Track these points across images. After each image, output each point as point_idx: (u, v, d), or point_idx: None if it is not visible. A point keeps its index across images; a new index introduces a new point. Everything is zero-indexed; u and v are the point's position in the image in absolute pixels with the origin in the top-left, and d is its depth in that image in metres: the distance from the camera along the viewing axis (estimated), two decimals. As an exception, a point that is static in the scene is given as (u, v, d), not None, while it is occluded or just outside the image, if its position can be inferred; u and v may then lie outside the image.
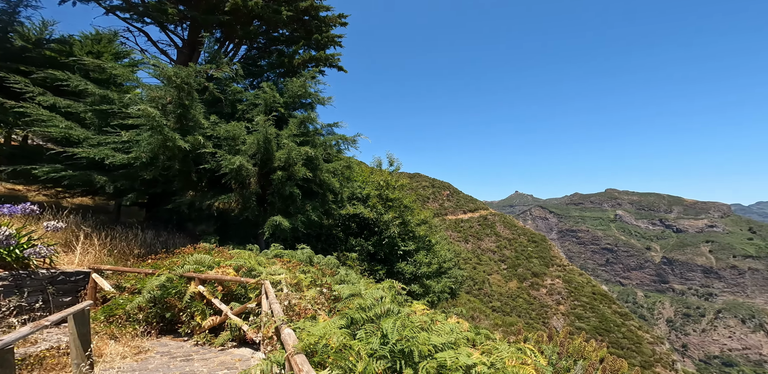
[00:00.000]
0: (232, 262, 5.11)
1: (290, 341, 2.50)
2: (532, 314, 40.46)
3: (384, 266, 13.11)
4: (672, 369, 34.27)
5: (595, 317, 39.62)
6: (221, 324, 4.74)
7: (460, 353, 2.73)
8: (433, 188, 70.27)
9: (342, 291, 3.79)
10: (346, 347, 2.51)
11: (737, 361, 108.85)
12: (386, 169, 16.64)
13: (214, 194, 8.28)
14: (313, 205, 9.00)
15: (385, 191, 13.96)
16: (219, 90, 9.66)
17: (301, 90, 9.98)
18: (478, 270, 47.53)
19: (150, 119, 6.90)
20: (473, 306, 27.68)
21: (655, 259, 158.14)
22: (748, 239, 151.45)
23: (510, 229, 61.90)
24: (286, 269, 5.08)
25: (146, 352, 4.24)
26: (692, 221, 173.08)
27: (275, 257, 6.41)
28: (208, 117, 8.71)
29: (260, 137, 8.15)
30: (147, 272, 5.26)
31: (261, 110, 9.34)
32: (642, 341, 36.60)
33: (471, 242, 57.23)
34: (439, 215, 61.99)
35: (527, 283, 46.81)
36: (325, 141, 10.15)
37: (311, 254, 6.57)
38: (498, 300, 41.78)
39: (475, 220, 63.08)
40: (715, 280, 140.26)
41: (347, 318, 3.05)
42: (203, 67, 9.50)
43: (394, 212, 13.46)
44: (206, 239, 7.52)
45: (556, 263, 51.21)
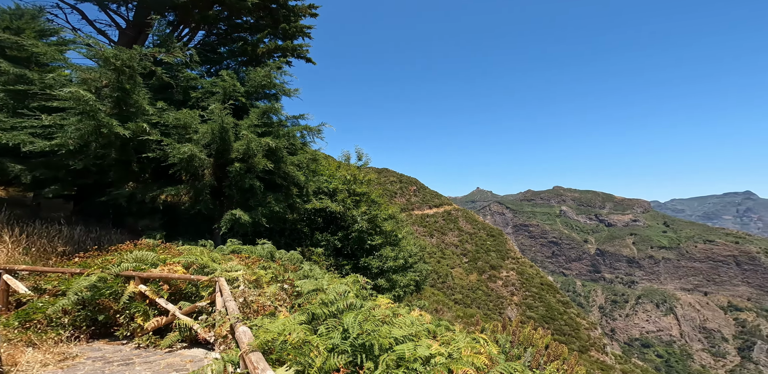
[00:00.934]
0: (181, 259, 4.67)
1: (245, 339, 2.36)
2: (490, 305, 43.14)
3: (350, 261, 13.06)
4: (603, 353, 38.75)
5: (543, 306, 43.35)
6: (168, 324, 4.35)
7: (420, 345, 2.78)
8: (401, 184, 71.29)
9: (303, 286, 3.66)
10: (306, 343, 2.42)
11: (653, 342, 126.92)
12: (354, 163, 16.49)
13: (161, 186, 7.54)
14: (277, 198, 8.60)
15: (352, 186, 13.83)
16: (169, 76, 8.98)
17: (265, 80, 9.54)
18: (442, 264, 49.46)
19: (81, 103, 6.17)
20: (437, 299, 28.84)
21: (590, 251, 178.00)
22: (662, 232, 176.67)
23: (471, 224, 65.28)
24: (245, 266, 4.78)
25: (74, 358, 3.77)
26: (620, 216, 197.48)
27: (232, 253, 6.00)
28: (154, 103, 8.00)
29: (216, 126, 7.58)
30: (73, 272, 4.61)
31: (218, 99, 8.81)
32: (580, 327, 40.88)
33: (436, 236, 59.34)
34: (405, 210, 63.24)
35: (486, 276, 49.71)
36: (288, 132, 9.72)
37: (273, 250, 6.26)
38: (460, 292, 43.86)
39: (439, 215, 65.41)
40: (637, 269, 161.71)
41: (308, 314, 2.95)
42: (151, 50, 8.76)
43: (362, 206, 13.41)
44: (150, 235, 6.81)
45: (510, 256, 55.12)
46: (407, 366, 2.47)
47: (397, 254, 14.21)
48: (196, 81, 9.40)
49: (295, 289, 4.10)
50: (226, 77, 8.93)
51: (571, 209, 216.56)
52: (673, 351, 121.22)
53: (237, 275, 4.14)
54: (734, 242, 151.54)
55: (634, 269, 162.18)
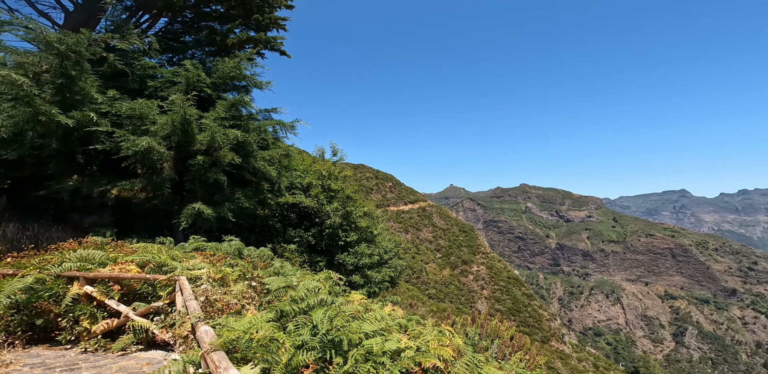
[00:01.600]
0: (135, 257, 4.30)
1: (207, 338, 2.26)
2: (462, 299, 44.71)
3: (325, 258, 12.92)
4: (562, 342, 41.70)
5: (510, 299, 45.71)
6: (121, 327, 4.03)
7: (390, 339, 2.82)
8: (377, 180, 71.35)
9: (273, 283, 3.54)
10: (274, 340, 2.36)
11: (604, 331, 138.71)
12: (329, 159, 16.24)
13: (112, 180, 6.92)
14: (246, 193, 8.24)
15: (327, 181, 13.61)
16: (123, 63, 8.34)
17: (234, 71, 9.16)
18: (417, 260, 50.43)
19: (14, 88, 5.61)
20: (412, 294, 29.39)
21: (551, 245, 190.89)
22: (612, 227, 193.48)
23: (445, 220, 67.15)
24: (209, 264, 4.52)
25: (7, 366, 3.39)
26: (577, 212, 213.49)
27: (195, 250, 5.64)
28: (104, 92, 7.40)
29: (177, 117, 7.11)
30: (5, 274, 4.09)
31: (180, 89, 8.33)
32: (542, 318, 43.67)
33: (411, 232, 60.32)
34: (381, 206, 63.51)
35: (458, 270, 51.38)
36: (260, 126, 9.38)
37: (241, 246, 5.97)
38: (434, 287, 44.97)
39: (414, 211, 66.48)
40: (590, 262, 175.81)
41: (277, 311, 2.87)
42: (103, 36, 8.13)
43: (337, 202, 13.25)
44: (98, 232, 6.20)
45: (481, 251, 57.49)
46: (375, 360, 2.50)
47: (372, 251, 14.26)
48: (155, 70, 8.83)
49: (264, 287, 3.96)
50: (189, 67, 8.45)
51: (536, 206, 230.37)
52: (620, 338, 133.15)
53: (200, 274, 3.91)
54: (671, 236, 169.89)
55: (588, 262, 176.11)
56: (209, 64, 9.92)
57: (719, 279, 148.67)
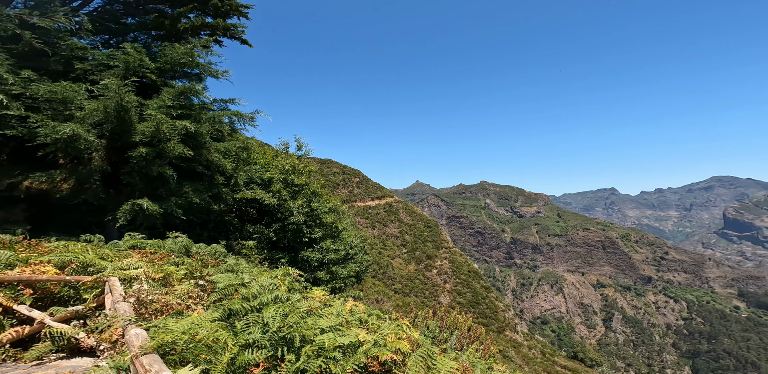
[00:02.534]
0: (53, 257, 3.73)
1: (137, 341, 2.07)
2: (426, 293, 46.11)
3: (287, 255, 12.54)
4: (515, 332, 45.03)
5: (470, 292, 48.23)
6: (35, 334, 3.48)
7: (347, 334, 2.80)
8: (344, 175, 70.60)
9: (221, 281, 3.31)
10: (217, 340, 2.21)
11: (549, 319, 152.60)
12: (294, 153, 15.68)
13: (24, 171, 5.95)
14: (196, 187, 7.62)
15: (290, 176, 13.12)
16: (43, 42, 7.35)
17: (185, 58, 8.50)
18: (383, 255, 50.96)
19: None
20: (378, 289, 29.69)
21: (506, 239, 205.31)
22: (556, 221, 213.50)
23: (411, 216, 68.68)
24: (148, 262, 4.08)
25: None
26: (528, 208, 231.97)
27: (132, 248, 5.06)
28: (17, 72, 6.47)
29: (111, 103, 6.38)
30: None
31: (117, 73, 7.60)
32: (498, 310, 46.73)
33: (377, 228, 60.76)
34: (348, 202, 63.05)
35: (422, 265, 52.92)
36: (214, 117, 8.78)
37: (189, 244, 5.48)
38: (399, 282, 45.80)
39: (381, 207, 67.03)
40: (539, 255, 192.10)
41: (224, 310, 2.68)
42: (18, 11, 7.23)
43: (302, 198, 12.86)
44: (6, 229, 5.27)
45: (444, 246, 59.86)
46: (326, 356, 2.46)
47: (338, 247, 14.13)
48: (86, 51, 7.94)
49: (215, 285, 3.68)
50: (129, 50, 7.69)
51: (493, 202, 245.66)
52: (562, 326, 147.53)
53: (136, 274, 3.51)
54: (602, 230, 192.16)
55: (537, 255, 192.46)
56: (155, 49, 9.16)
57: (638, 268, 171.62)
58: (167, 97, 7.66)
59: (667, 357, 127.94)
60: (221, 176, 8.62)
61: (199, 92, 8.63)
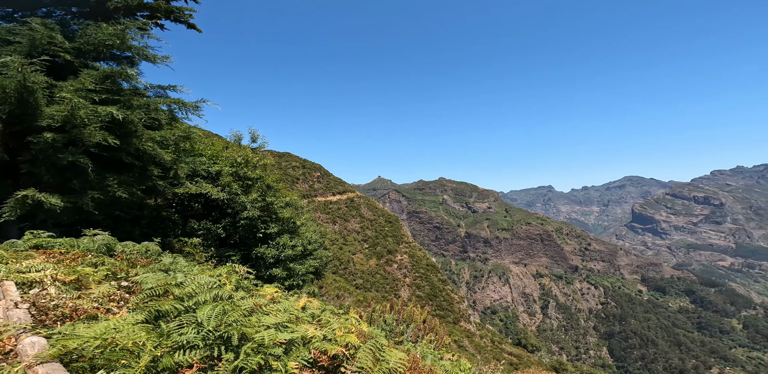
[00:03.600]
0: None
1: (32, 350, 1.85)
2: (387, 287, 46.88)
3: (239, 252, 11.85)
4: (468, 322, 48.03)
5: (428, 285, 50.16)
6: None
7: (295, 330, 2.74)
8: (304, 169, 68.33)
9: (147, 281, 2.98)
10: (137, 344, 1.99)
11: (497, 309, 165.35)
12: (248, 145, 14.76)
13: None
14: (124, 180, 6.76)
15: (243, 169, 12.30)
16: None
17: (113, 39, 7.64)
18: (344, 251, 50.57)
19: None
20: (339, 285, 29.47)
21: (461, 234, 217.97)
22: (504, 217, 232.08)
23: (372, 211, 69.09)
24: (56, 264, 3.49)
25: None
26: (481, 204, 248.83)
27: (35, 248, 4.28)
28: None
29: (10, 83, 5.55)
30: None
31: (20, 50, 6.72)
32: (453, 302, 49.35)
33: (338, 223, 60.01)
34: (308, 197, 61.20)
35: (383, 260, 53.67)
36: (148, 104, 7.95)
37: (111, 242, 4.80)
38: (361, 277, 45.88)
39: (343, 202, 66.30)
40: (489, 248, 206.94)
41: (150, 312, 2.42)
42: None
43: (255, 192, 12.16)
44: None
45: (404, 241, 61.42)
46: (265, 353, 2.37)
47: (295, 242, 13.73)
48: None
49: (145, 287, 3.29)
50: (36, 25, 6.73)
51: (450, 198, 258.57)
52: (509, 314, 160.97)
53: (39, 277, 2.98)
54: (541, 224, 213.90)
55: (487, 248, 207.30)
56: (74, 27, 8.19)
57: (568, 259, 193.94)
58: (88, 80, 6.76)
59: (589, 339, 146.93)
60: (157, 167, 7.75)
61: (130, 77, 7.84)
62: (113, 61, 8.32)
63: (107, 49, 7.72)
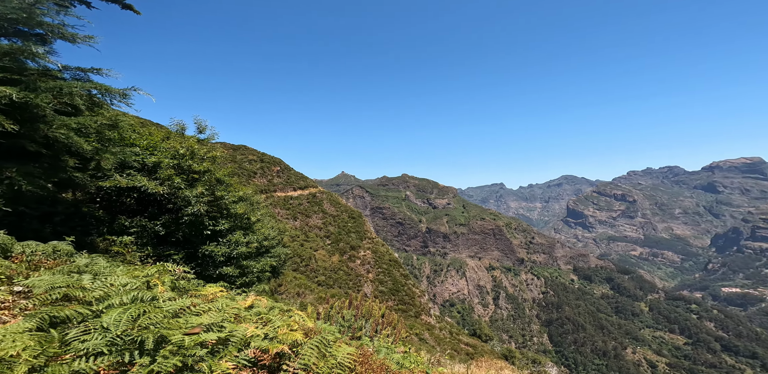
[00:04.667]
0: None
1: None
2: (350, 284, 46.54)
3: (182, 250, 10.85)
4: (429, 315, 49.69)
5: (391, 280, 50.91)
6: None
7: (233, 330, 2.57)
8: (262, 163, 64.64)
9: (39, 285, 2.57)
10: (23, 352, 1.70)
11: (455, 301, 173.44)
12: (194, 136, 13.52)
13: None
14: (29, 171, 5.74)
15: (187, 162, 11.23)
16: None
17: (18, 13, 6.55)
18: (306, 247, 49.16)
19: None
20: (299, 282, 28.62)
21: (422, 229, 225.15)
22: (462, 212, 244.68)
23: (335, 206, 68.01)
24: None
25: None
26: (441, 200, 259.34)
27: None
28: None
29: None
30: None
31: None
32: (415, 296, 50.68)
33: (299, 219, 58.06)
34: (267, 192, 58.15)
35: (346, 256, 53.18)
36: (61, 87, 6.88)
37: (8, 241, 4.02)
38: (323, 274, 44.95)
39: (304, 197, 64.21)
40: (448, 243, 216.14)
41: (43, 318, 2.09)
42: None
43: (202, 186, 11.19)
44: None
45: (367, 236, 61.56)
46: (184, 354, 2.20)
47: (250, 239, 13.01)
48: None
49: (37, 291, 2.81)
50: None
51: (413, 194, 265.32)
52: (465, 306, 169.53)
53: None
54: (493, 219, 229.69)
55: (446, 243, 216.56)
56: None
57: (516, 251, 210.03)
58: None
59: (533, 327, 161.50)
60: (73, 157, 6.70)
61: (37, 56, 6.84)
62: (18, 38, 7.24)
63: (10, 24, 6.69)
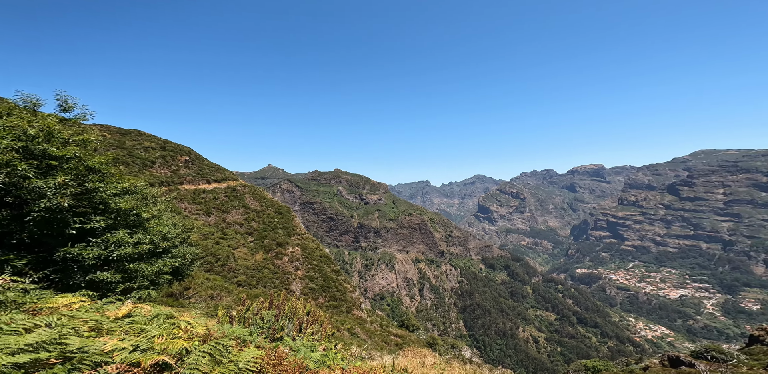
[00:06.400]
0: None
1: None
2: (276, 282, 43.42)
3: (29, 255, 8.37)
4: (360, 310, 50.18)
5: (321, 277, 49.53)
6: None
7: (83, 346, 1.96)
8: (164, 151, 54.58)
9: None
10: None
11: (385, 294, 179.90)
12: (54, 114, 10.55)
13: None
14: None
15: (41, 145, 8.65)
16: None
17: None
18: (222, 245, 43.91)
19: None
20: (214, 284, 25.30)
21: (354, 224, 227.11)
22: (392, 208, 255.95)
23: (260, 201, 62.41)
24: None
25: None
26: (372, 195, 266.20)
27: None
28: None
29: None
30: None
31: None
32: (346, 291, 50.51)
33: (215, 215, 51.27)
34: (170, 184, 49.33)
35: (272, 254, 49.53)
36: None
37: None
38: (244, 273, 41.01)
39: (221, 191, 57.01)
40: (378, 237, 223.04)
41: None
42: None
43: (64, 175, 8.82)
44: None
45: (296, 232, 58.51)
46: None
47: (139, 239, 10.82)
48: None
49: None
50: None
51: (345, 189, 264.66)
52: (394, 299, 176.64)
53: None
54: (420, 215, 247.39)
55: (377, 237, 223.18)
56: None
57: (438, 244, 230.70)
58: None
59: (452, 314, 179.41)
60: None
61: None
62: None
63: None
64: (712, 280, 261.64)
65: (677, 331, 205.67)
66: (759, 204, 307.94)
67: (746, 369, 18.38)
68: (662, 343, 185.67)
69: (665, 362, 24.24)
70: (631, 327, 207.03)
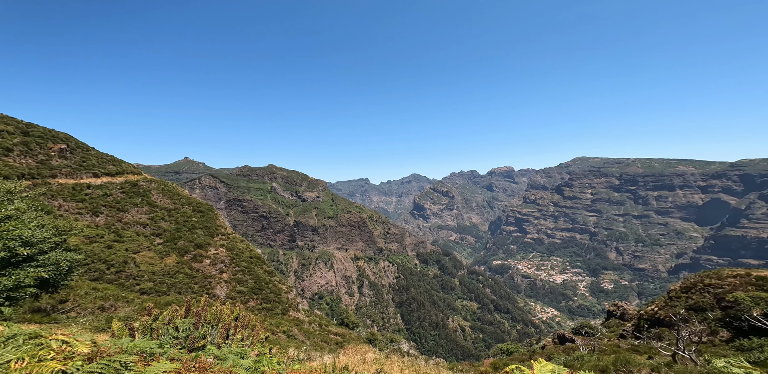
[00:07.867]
0: None
1: None
2: (195, 287, 38.16)
3: None
4: (297, 311, 47.61)
5: (252, 279, 45.38)
6: None
7: None
8: (26, 137, 42.26)
9: None
10: None
11: (324, 293, 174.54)
12: None
13: None
14: None
15: None
16: None
17: None
18: (116, 249, 36.21)
19: None
20: (104, 294, 21.04)
21: (290, 223, 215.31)
22: (331, 205, 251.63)
23: (171, 198, 53.41)
24: None
25: None
26: (310, 193, 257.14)
27: None
28: None
29: None
30: None
31: None
32: (281, 292, 47.38)
33: (106, 214, 41.78)
34: (37, 177, 38.22)
35: (189, 256, 43.35)
36: None
37: None
38: (150, 280, 34.69)
39: (116, 186, 46.77)
40: (317, 236, 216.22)
41: None
42: None
43: None
44: None
45: (221, 232, 52.26)
46: None
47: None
48: None
49: None
50: None
51: (280, 186, 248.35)
52: (333, 297, 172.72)
53: None
54: (359, 212, 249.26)
55: (315, 236, 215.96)
56: None
57: (376, 242, 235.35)
58: None
59: (390, 309, 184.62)
60: None
61: None
62: None
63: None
64: (583, 266, 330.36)
65: (562, 311, 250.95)
66: (613, 202, 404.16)
67: (606, 341, 23.69)
68: (552, 323, 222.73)
69: (555, 340, 29.80)
70: (532, 310, 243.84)
